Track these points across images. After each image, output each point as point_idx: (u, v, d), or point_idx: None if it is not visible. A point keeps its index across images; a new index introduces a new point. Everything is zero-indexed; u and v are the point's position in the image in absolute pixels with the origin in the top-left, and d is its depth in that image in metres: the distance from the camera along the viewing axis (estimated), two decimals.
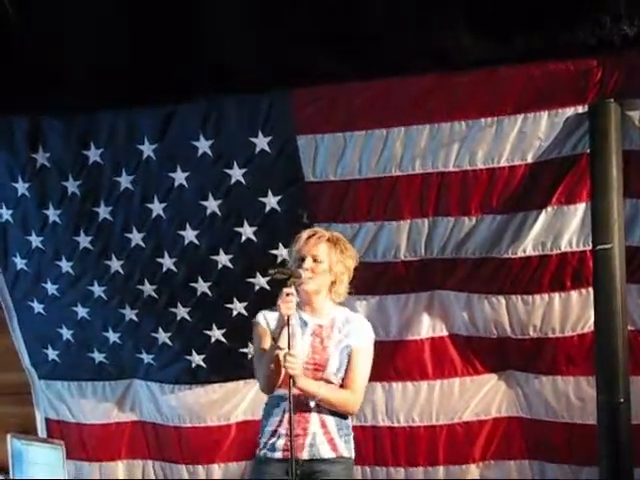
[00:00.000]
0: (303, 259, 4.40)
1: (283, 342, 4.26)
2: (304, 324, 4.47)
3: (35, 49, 5.68)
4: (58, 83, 5.72)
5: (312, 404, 4.30)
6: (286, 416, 4.26)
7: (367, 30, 5.22)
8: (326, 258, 4.40)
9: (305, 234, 4.51)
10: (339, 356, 4.40)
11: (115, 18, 5.52)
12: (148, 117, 5.81)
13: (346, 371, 4.37)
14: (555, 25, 4.99)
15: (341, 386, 4.40)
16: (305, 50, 5.33)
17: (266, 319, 4.47)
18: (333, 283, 4.45)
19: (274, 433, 4.34)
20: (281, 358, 4.23)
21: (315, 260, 4.39)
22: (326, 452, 4.34)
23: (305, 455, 4.30)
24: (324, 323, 4.46)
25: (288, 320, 4.25)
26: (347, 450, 4.41)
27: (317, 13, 5.24)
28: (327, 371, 4.35)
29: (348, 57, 5.31)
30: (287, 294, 4.26)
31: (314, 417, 4.33)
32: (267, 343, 4.40)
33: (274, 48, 5.36)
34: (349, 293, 4.55)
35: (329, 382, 4.35)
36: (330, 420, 4.35)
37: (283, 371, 4.21)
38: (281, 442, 4.33)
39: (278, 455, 4.35)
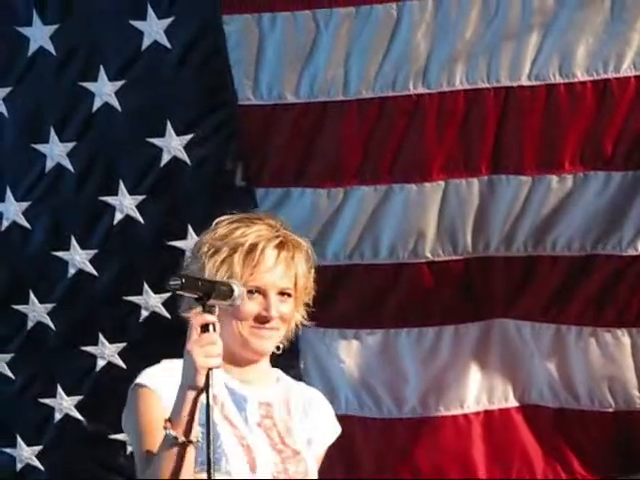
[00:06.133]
0: (258, 292, 3.11)
1: (198, 424, 2.86)
2: (241, 401, 3.20)
3: None
4: None
5: None
6: None
7: None
8: (293, 287, 3.24)
9: (252, 235, 3.09)
10: (310, 460, 3.26)
11: None
12: None
13: None
14: None
15: None
16: None
17: (157, 382, 3.08)
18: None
19: None
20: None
21: (283, 294, 3.17)
22: None
23: None
24: (272, 400, 3.27)
25: (207, 378, 2.83)
26: None
27: None
28: None
29: None
30: (202, 326, 2.81)
31: None
32: (160, 426, 2.93)
33: None
34: (303, 325, 3.31)
35: None
36: None
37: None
38: None
39: None
